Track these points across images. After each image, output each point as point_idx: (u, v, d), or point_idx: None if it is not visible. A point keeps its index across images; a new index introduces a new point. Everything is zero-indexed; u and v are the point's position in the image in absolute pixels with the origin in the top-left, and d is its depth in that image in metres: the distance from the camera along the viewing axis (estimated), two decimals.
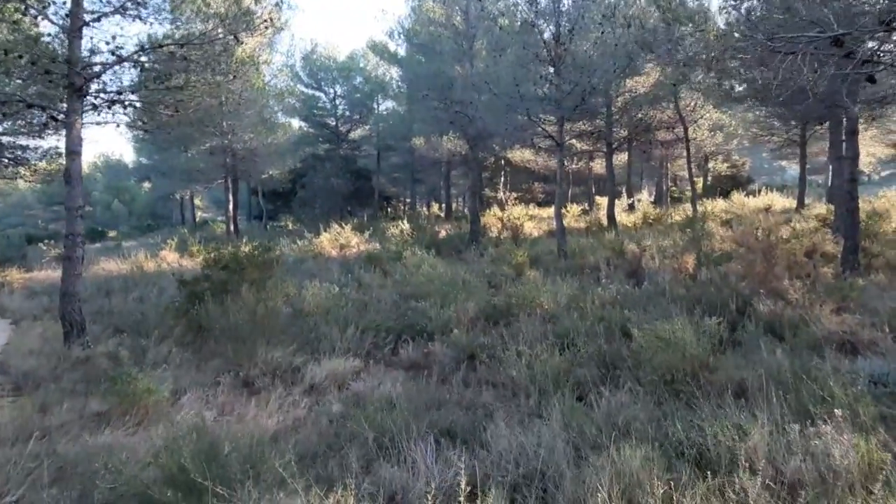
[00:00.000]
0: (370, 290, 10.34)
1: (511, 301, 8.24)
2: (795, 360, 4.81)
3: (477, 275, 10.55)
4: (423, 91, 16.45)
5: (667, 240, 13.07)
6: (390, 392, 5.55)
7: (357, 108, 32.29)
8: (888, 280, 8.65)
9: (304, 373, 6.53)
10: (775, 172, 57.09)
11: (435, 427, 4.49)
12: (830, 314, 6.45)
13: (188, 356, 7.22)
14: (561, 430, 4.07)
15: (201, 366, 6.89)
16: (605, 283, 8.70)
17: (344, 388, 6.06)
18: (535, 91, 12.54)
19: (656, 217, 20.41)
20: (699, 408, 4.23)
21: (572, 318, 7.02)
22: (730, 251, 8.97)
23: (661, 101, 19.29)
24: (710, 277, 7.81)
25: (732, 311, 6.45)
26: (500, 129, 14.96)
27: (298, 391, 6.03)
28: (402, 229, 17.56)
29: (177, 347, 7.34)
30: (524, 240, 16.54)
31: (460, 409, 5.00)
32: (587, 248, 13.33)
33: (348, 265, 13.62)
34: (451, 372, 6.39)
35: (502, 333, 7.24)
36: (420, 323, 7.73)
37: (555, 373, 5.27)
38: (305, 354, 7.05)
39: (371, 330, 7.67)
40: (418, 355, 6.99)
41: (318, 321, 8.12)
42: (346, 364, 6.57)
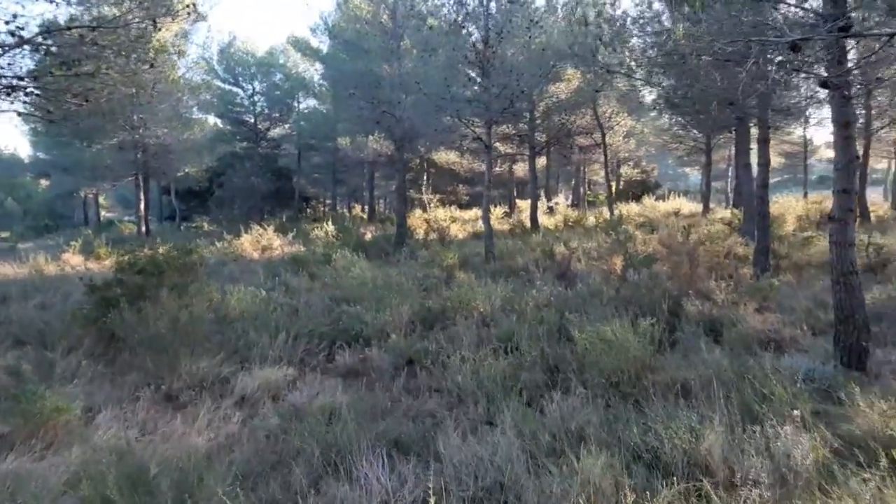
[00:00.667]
0: (299, 295, 9.92)
1: (446, 304, 8.15)
2: (735, 359, 4.98)
3: (409, 278, 10.38)
4: (348, 89, 16.10)
5: (591, 242, 13.45)
6: (331, 402, 5.30)
7: (277, 106, 31.24)
8: (796, 280, 9.28)
9: (233, 384, 6.12)
10: (679, 178, 60.63)
11: (383, 439, 4.31)
12: (754, 313, 6.79)
13: (101, 369, 6.60)
14: (515, 438, 4.00)
15: (117, 380, 6.33)
16: (539, 285, 8.77)
17: (279, 399, 5.73)
18: (464, 93, 12.53)
19: (576, 220, 21.03)
20: (648, 409, 4.29)
21: (511, 321, 7.00)
22: (653, 253, 9.29)
23: (580, 106, 19.90)
24: (639, 279, 8.03)
25: (664, 311, 6.63)
26: (428, 129, 14.89)
27: (228, 404, 5.63)
28: (326, 231, 17.09)
29: (87, 360, 6.69)
30: (451, 242, 16.54)
31: (407, 419, 4.83)
32: (515, 251, 13.47)
33: (273, 268, 13.06)
34: (390, 379, 6.21)
35: (438, 338, 7.15)
36: (355, 328, 7.49)
37: (501, 378, 5.21)
38: (234, 364, 6.63)
39: (304, 336, 7.33)
40: (355, 362, 6.74)
41: (245, 328, 7.67)
42: (279, 373, 6.23)
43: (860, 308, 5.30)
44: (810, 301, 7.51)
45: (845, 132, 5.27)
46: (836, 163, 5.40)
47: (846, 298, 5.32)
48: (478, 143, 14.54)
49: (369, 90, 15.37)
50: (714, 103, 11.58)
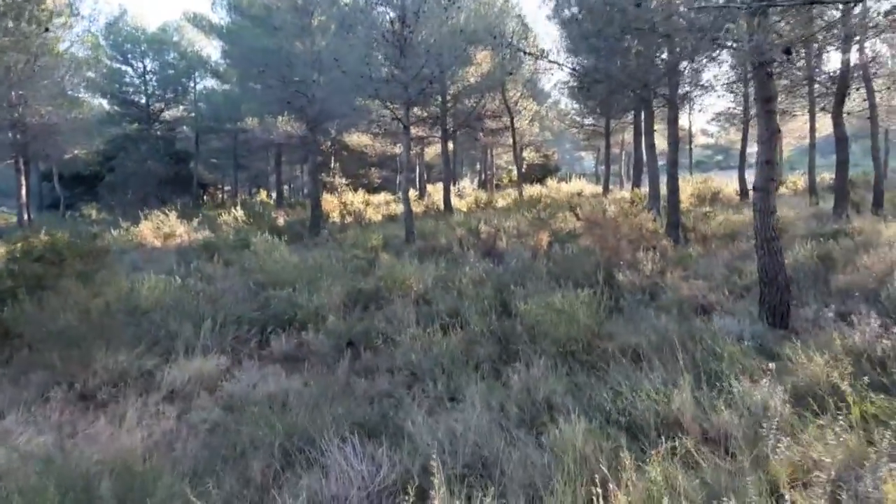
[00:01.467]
0: (216, 281, 9.33)
1: (380, 284, 7.95)
2: (682, 323, 5.18)
3: (334, 260, 10.05)
4: (257, 68, 15.25)
5: (509, 221, 13.63)
6: (276, 390, 5.00)
7: (171, 86, 29.14)
8: (704, 250, 9.87)
9: (159, 378, 5.63)
10: (575, 162, 63.19)
11: (345, 423, 4.09)
12: (680, 281, 7.12)
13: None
14: (485, 412, 3.93)
15: (20, 380, 5.63)
16: (469, 262, 8.75)
17: (215, 390, 5.33)
18: (382, 73, 12.23)
19: (487, 201, 21.33)
20: (608, 375, 4.37)
21: (451, 298, 6.93)
22: (576, 229, 9.54)
23: (491, 90, 20.09)
24: (570, 253, 8.21)
25: (599, 282, 6.80)
26: (344, 110, 14.43)
27: (156, 399, 5.16)
28: (235, 216, 16.21)
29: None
30: (367, 225, 16.23)
31: (364, 401, 4.63)
32: (435, 231, 13.41)
33: (180, 255, 12.21)
34: (333, 362, 5.94)
35: (377, 318, 6.97)
36: (287, 312, 7.11)
37: (454, 354, 5.13)
38: (156, 356, 6.10)
39: (231, 323, 6.87)
40: (291, 347, 6.42)
41: (164, 317, 7.09)
42: (211, 363, 5.79)
43: (782, 271, 5.68)
44: (724, 269, 7.99)
45: (768, 106, 5.59)
46: (760, 136, 5.73)
47: (769, 262, 5.68)
48: (395, 124, 14.27)
49: (279, 69, 14.66)
50: (626, 83, 12.01)
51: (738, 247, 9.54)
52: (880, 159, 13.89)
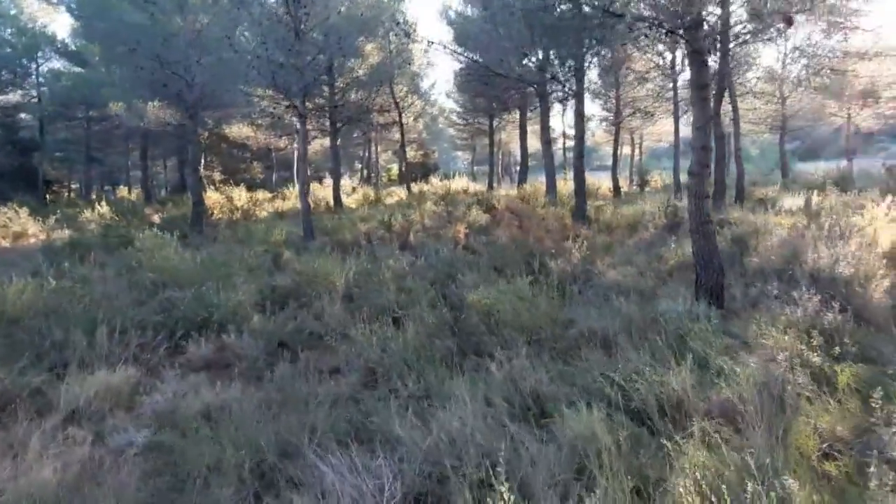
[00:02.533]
0: (94, 283, 8.11)
1: (299, 280, 7.32)
2: (643, 306, 5.19)
3: (233, 258, 9.16)
4: (124, 46, 13.57)
5: (414, 214, 13.33)
6: (212, 401, 4.32)
7: (8, 67, 25.34)
8: (611, 239, 10.23)
9: (53, 397, 4.69)
10: (450, 162, 64.24)
11: (317, 434, 3.59)
12: (608, 267, 7.25)
13: None
14: (475, 408, 3.62)
15: None
16: (394, 255, 8.36)
17: (133, 408, 4.53)
18: (278, 56, 11.41)
19: (376, 198, 20.88)
20: (584, 362, 4.24)
21: (388, 293, 6.50)
22: (488, 222, 9.49)
23: (379, 84, 19.64)
24: (488, 243, 8.09)
25: (535, 270, 6.73)
26: (231, 96, 13.31)
27: (55, 423, 4.26)
28: (101, 214, 14.39)
29: None
30: (256, 222, 15.16)
31: (324, 406, 4.11)
32: (337, 227, 12.78)
33: (41, 257, 10.54)
34: (267, 366, 5.32)
35: (304, 316, 6.41)
36: (199, 313, 6.27)
37: (416, 349, 4.75)
38: (43, 371, 5.11)
39: (132, 329, 5.93)
40: (211, 352, 5.66)
41: (43, 325, 5.98)
42: (117, 376, 4.91)
43: (716, 253, 5.92)
44: (643, 255, 8.29)
45: (703, 93, 5.80)
46: (695, 122, 5.93)
47: (705, 245, 5.89)
48: (289, 112, 13.40)
49: (153, 48, 13.18)
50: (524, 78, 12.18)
51: (641, 235, 9.97)
52: (742, 158, 15.36)
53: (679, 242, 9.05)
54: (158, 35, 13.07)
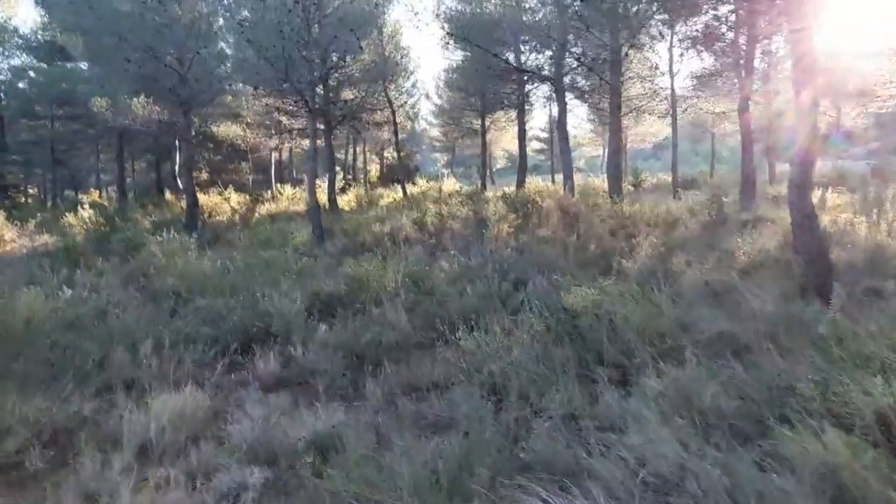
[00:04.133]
0: (102, 291, 7.23)
1: (353, 284, 6.63)
2: (781, 305, 4.71)
3: (257, 261, 8.39)
4: (111, 37, 12.57)
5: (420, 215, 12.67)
6: (322, 429, 3.64)
7: None
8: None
9: (110, 428, 3.94)
10: (430, 164, 63.51)
11: (471, 467, 2.97)
12: (683, 265, 6.78)
13: None
14: (661, 427, 3.06)
15: None
16: (448, 255, 7.76)
17: (212, 437, 3.81)
18: (291, 49, 10.65)
19: (370, 199, 20.16)
20: (756, 369, 3.73)
21: (466, 296, 5.87)
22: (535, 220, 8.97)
23: (374, 81, 18.92)
24: (532, 241, 7.56)
25: (613, 269, 6.23)
26: (227, 91, 12.44)
27: (126, 461, 3.52)
28: (86, 217, 13.30)
29: None
30: (255, 225, 14.28)
31: (449, 434, 3.48)
32: (357, 228, 12.02)
33: (29, 264, 9.53)
34: (351, 384, 4.66)
35: (367, 324, 5.73)
36: (253, 324, 5.54)
37: (536, 359, 4.16)
38: (90, 397, 4.33)
39: (182, 343, 5.17)
40: (277, 367, 4.95)
41: (70, 343, 5.15)
42: (184, 399, 4.18)
43: (824, 249, 5.50)
44: (705, 252, 7.84)
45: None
46: (799, 107, 5.50)
47: (810, 240, 5.48)
48: (298, 106, 12.61)
49: (144, 38, 12.23)
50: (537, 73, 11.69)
51: (683, 232, 9.57)
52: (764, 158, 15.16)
53: (736, 238, 8.67)
54: (150, 25, 12.12)
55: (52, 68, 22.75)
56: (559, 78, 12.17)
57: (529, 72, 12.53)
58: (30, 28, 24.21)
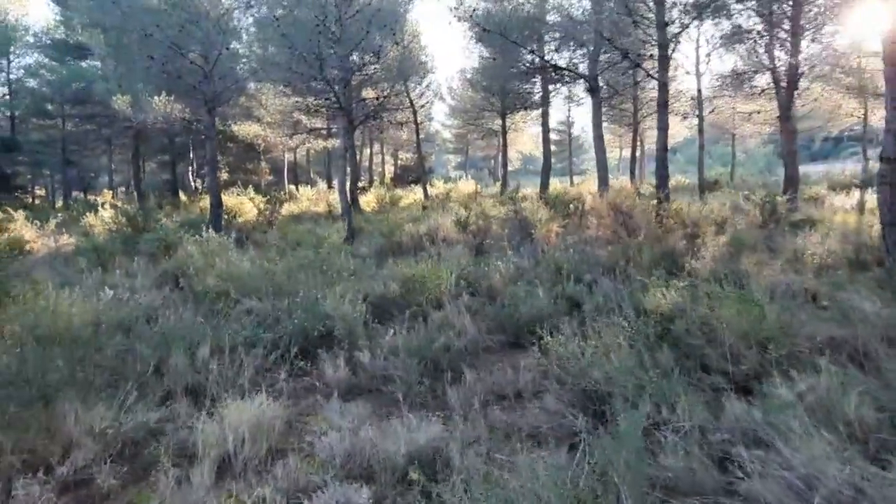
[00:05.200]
0: (140, 292, 6.93)
1: (408, 286, 6.31)
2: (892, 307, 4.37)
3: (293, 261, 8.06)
4: (136, 33, 12.29)
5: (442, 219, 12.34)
6: (424, 442, 3.32)
7: None
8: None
9: (181, 440, 3.63)
10: (440, 166, 63.29)
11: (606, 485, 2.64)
12: (753, 265, 6.46)
13: None
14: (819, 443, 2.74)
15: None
16: (495, 256, 7.43)
17: (300, 450, 3.50)
18: (322, 44, 10.36)
19: (391, 199, 19.85)
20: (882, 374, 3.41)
21: (533, 299, 5.53)
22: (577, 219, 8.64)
23: (395, 80, 18.63)
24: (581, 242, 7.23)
25: (683, 271, 5.90)
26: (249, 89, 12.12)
27: (208, 477, 3.20)
28: (108, 217, 13.01)
29: None
30: (283, 224, 13.98)
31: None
32: (393, 228, 11.68)
33: (54, 264, 9.24)
34: (428, 392, 4.34)
35: (428, 327, 5.40)
36: (313, 328, 5.22)
37: (639, 365, 3.82)
38: (153, 406, 4.01)
39: (242, 346, 4.85)
40: (345, 374, 4.62)
41: (122, 347, 4.83)
42: (257, 408, 3.84)
43: None
44: (766, 252, 7.52)
45: None
46: (892, 102, 5.17)
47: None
48: (329, 103, 12.29)
49: (171, 34, 11.94)
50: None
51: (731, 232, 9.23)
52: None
53: (794, 238, 8.32)
54: (175, 22, 11.84)
55: (65, 66, 22.49)
56: (594, 76, 11.87)
57: (565, 69, 12.23)
58: (41, 27, 23.91)
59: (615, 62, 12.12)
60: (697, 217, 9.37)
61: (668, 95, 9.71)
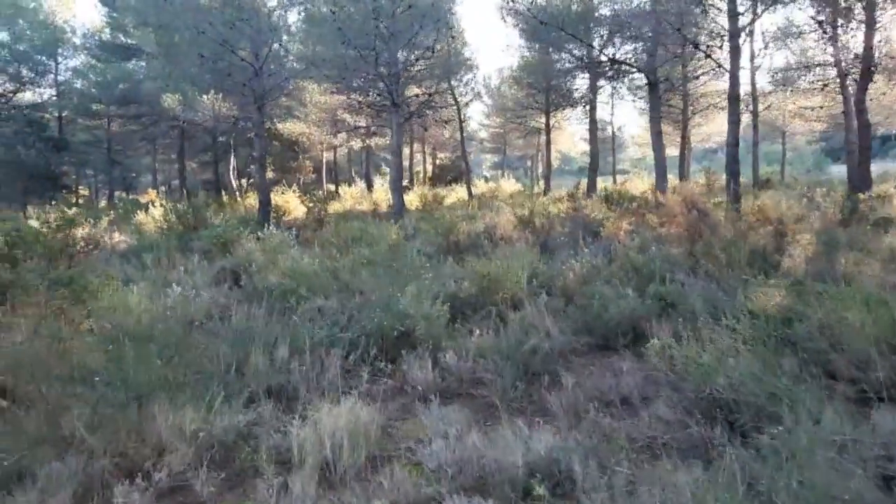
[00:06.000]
0: (200, 290, 6.80)
1: (483, 285, 6.05)
2: None
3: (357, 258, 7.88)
4: (188, 31, 12.31)
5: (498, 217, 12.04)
6: (543, 451, 3.05)
7: (26, 64, 23.91)
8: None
9: (274, 443, 3.42)
10: (477, 165, 62.88)
11: None
12: (854, 264, 6.04)
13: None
14: None
15: (26, 477, 3.09)
16: (575, 254, 7.16)
17: (395, 456, 3.28)
18: (378, 39, 10.17)
19: (434, 197, 19.66)
20: None
21: (625, 301, 5.21)
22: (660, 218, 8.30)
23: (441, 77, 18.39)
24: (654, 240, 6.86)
25: (778, 270, 5.52)
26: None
27: (309, 487, 2.98)
28: (161, 215, 13.10)
29: None
30: (330, 223, 13.87)
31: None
32: (450, 226, 11.44)
33: (110, 261, 9.23)
34: (524, 396, 4.08)
35: (513, 330, 5.12)
36: (392, 327, 4.98)
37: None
38: (239, 407, 3.82)
39: (319, 345, 4.66)
40: (433, 376, 4.37)
41: (201, 346, 4.67)
42: (349, 412, 3.61)
43: None
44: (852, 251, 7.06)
45: None
46: None
47: None
48: (383, 99, 12.12)
49: (222, 32, 11.91)
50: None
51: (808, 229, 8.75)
52: (854, 153, 14.13)
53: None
54: (227, 19, 11.80)
55: (111, 67, 22.84)
56: (653, 69, 11.46)
57: (624, 63, 11.84)
58: (89, 28, 24.35)
59: (676, 55, 11.70)
60: (781, 214, 8.95)
61: (739, 88, 9.27)
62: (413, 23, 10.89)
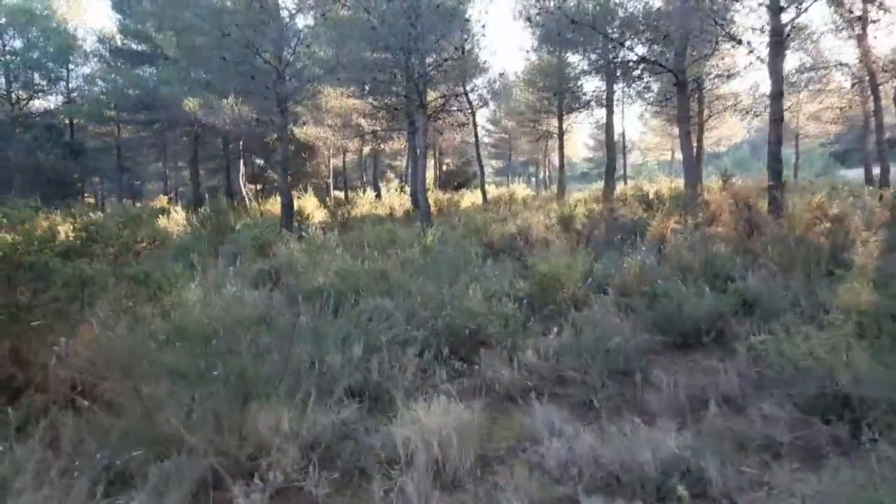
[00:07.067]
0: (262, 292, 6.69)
1: (544, 284, 5.93)
2: None
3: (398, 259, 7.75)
4: (209, 35, 12.22)
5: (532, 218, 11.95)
6: (663, 451, 2.93)
7: (38, 71, 23.83)
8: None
9: (375, 445, 3.29)
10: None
11: None
12: None
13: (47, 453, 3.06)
14: None
15: (140, 480, 2.95)
16: (622, 254, 7.04)
17: (502, 456, 3.17)
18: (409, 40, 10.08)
19: (450, 201, 19.59)
20: None
21: (701, 299, 5.08)
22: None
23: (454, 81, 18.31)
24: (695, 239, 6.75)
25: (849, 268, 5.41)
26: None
27: (420, 487, 2.85)
28: (180, 221, 12.99)
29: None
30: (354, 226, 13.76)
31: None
32: (482, 227, 11.32)
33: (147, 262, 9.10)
34: (617, 395, 3.97)
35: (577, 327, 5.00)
36: (464, 327, 4.85)
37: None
38: (327, 407, 3.68)
39: (393, 344, 4.53)
40: (511, 375, 4.25)
41: (274, 346, 4.54)
42: (447, 410, 3.47)
43: None
44: None
45: None
46: None
47: None
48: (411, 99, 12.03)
49: (245, 35, 11.81)
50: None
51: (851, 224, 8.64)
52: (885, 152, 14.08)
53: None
54: (251, 21, 11.71)
55: (122, 73, 22.75)
56: (681, 69, 11.38)
57: (653, 62, 11.75)
58: (101, 34, 24.27)
59: (704, 55, 11.66)
60: (838, 212, 8.85)
61: (782, 85, 9.19)
62: (439, 23, 10.81)
